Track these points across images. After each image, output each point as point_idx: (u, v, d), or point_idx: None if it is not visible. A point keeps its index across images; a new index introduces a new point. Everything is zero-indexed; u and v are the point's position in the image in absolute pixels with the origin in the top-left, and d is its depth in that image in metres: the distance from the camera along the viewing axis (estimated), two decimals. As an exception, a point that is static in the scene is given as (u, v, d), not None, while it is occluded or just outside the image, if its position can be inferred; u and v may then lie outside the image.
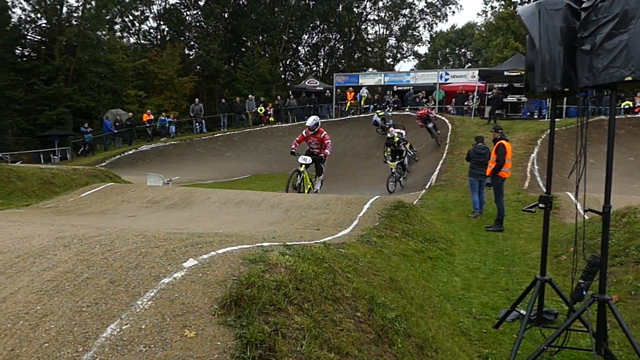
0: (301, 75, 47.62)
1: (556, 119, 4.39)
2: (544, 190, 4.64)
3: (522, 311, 4.54)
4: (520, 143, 16.19)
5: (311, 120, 10.80)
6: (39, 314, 2.27)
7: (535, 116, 22.49)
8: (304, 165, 10.32)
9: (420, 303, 4.35)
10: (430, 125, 19.36)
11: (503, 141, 9.42)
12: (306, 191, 10.31)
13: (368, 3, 49.49)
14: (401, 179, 15.90)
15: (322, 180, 11.15)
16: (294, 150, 10.66)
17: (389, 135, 16.19)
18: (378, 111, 23.76)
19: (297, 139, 10.86)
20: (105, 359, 2.00)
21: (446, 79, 27.13)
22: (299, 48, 50.26)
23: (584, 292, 3.65)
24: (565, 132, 17.09)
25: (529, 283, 4.49)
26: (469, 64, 54.08)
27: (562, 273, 6.12)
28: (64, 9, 31.96)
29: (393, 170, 15.44)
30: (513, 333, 4.45)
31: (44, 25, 31.72)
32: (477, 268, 6.70)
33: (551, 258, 6.27)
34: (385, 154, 16.06)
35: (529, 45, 3.76)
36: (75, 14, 32.32)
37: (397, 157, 15.78)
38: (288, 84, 44.26)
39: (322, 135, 10.64)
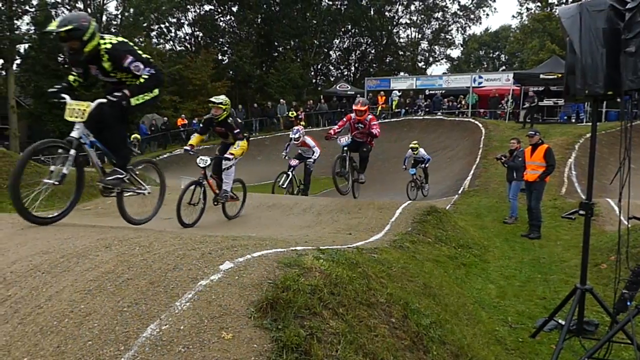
0: (332, 79, 47.71)
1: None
2: (582, 196, 4.50)
3: (560, 321, 4.41)
4: (557, 148, 15.74)
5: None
6: (82, 312, 2.34)
7: (573, 120, 21.87)
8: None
9: (455, 310, 4.28)
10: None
11: (547, 145, 9.22)
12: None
13: (400, 7, 49.28)
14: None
15: None
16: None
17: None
18: (413, 143, 15.90)
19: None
20: (146, 358, 2.04)
21: (480, 83, 26.63)
22: (330, 52, 50.45)
23: (629, 303, 3.53)
24: (605, 136, 16.53)
25: (567, 292, 4.36)
26: (503, 67, 52.93)
27: (603, 282, 5.92)
28: (104, 17, 33.10)
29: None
30: (551, 343, 4.33)
31: (85, 33, 32.90)
32: (513, 275, 6.55)
33: (591, 267, 6.06)
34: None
35: (569, 47, 3.67)
36: (114, 22, 33.44)
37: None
38: (319, 89, 44.40)
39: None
